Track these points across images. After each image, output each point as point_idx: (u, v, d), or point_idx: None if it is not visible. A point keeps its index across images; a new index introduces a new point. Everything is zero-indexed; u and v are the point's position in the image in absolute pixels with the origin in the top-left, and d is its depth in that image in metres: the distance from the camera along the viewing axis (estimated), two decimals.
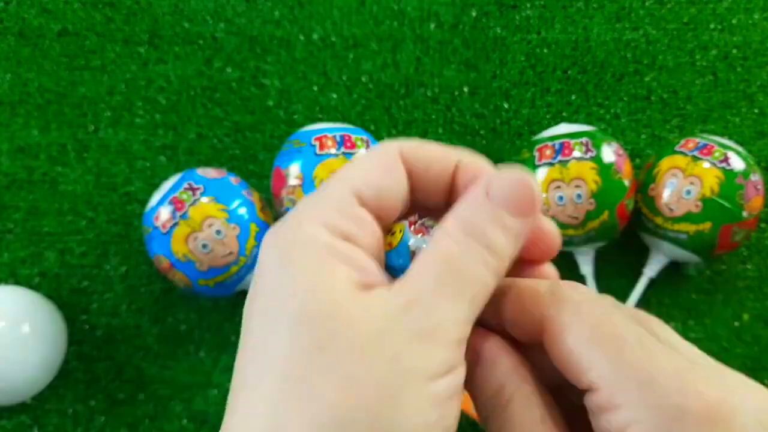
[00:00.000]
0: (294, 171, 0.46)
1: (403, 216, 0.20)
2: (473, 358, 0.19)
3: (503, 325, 0.20)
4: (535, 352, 0.19)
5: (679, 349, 0.17)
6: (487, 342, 0.19)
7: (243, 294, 0.34)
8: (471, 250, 0.17)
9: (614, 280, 0.52)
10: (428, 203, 0.20)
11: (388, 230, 0.20)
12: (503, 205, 0.17)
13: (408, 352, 0.15)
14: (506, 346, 0.19)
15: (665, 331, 0.18)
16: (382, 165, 0.19)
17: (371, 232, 0.18)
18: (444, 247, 0.17)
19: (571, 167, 0.45)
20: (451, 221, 0.18)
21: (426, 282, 0.17)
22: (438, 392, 0.16)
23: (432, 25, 0.58)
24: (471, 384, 0.19)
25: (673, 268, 0.51)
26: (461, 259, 0.17)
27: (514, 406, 0.18)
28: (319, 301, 0.16)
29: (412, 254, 0.19)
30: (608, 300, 0.18)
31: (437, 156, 0.19)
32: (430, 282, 0.17)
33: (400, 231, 0.19)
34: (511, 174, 0.18)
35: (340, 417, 0.15)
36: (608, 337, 0.16)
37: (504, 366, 0.19)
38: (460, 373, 0.17)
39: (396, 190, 0.19)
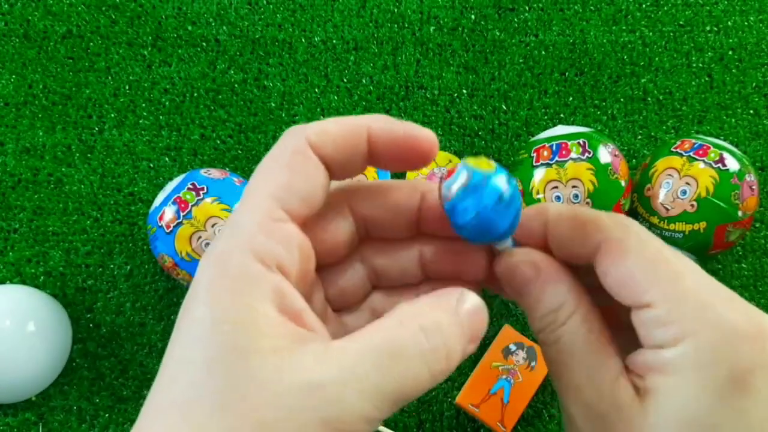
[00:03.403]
0: None
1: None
2: (533, 273, 0.20)
3: (548, 247, 0.21)
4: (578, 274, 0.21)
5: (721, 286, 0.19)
6: (547, 260, 0.20)
7: None
8: (430, 353, 0.17)
9: None
10: (352, 174, 0.20)
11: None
12: (471, 333, 0.18)
13: None
14: (563, 266, 0.20)
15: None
16: (298, 164, 0.18)
17: (298, 247, 0.18)
18: (406, 335, 0.17)
19: (568, 168, 0.46)
20: (428, 314, 0.18)
21: (360, 368, 0.16)
22: None
23: (431, 28, 0.59)
24: (527, 298, 0.20)
25: None
26: (414, 358, 0.17)
27: (573, 321, 0.19)
28: (243, 361, 0.16)
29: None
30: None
31: (346, 134, 0.19)
32: (366, 366, 0.16)
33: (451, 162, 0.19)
34: (476, 307, 0.18)
35: None
36: (666, 263, 0.18)
37: (565, 284, 0.20)
38: None
39: (316, 185, 0.19)
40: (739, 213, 0.46)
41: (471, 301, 0.18)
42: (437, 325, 0.17)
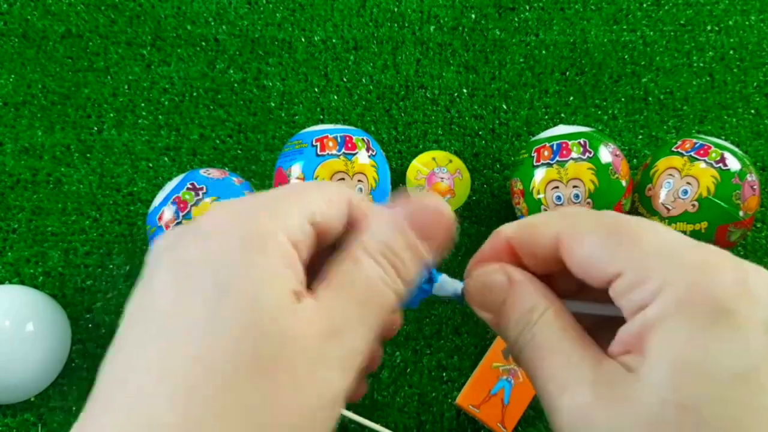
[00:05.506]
0: (296, 171, 0.46)
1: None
2: (506, 281, 0.21)
3: (519, 261, 0.22)
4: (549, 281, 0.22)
5: (684, 236, 0.19)
6: (516, 270, 0.21)
7: None
8: (388, 276, 0.19)
9: None
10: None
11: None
12: (422, 232, 0.20)
13: (331, 380, 0.18)
14: (530, 274, 0.22)
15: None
16: (339, 203, 0.20)
17: (311, 246, 0.20)
18: (366, 269, 0.19)
19: (568, 168, 0.46)
20: (372, 241, 0.20)
21: (349, 308, 0.18)
22: (334, 412, 0.18)
23: (432, 28, 0.59)
24: (502, 306, 0.21)
25: None
26: (379, 286, 0.19)
27: (546, 317, 0.20)
28: (264, 312, 0.17)
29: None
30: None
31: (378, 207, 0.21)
32: (352, 309, 0.18)
33: None
34: (433, 204, 0.20)
35: None
36: (623, 229, 0.19)
37: (535, 287, 0.21)
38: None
39: (339, 225, 0.21)
40: (741, 213, 0.46)
41: (419, 211, 0.20)
42: (384, 244, 0.19)
